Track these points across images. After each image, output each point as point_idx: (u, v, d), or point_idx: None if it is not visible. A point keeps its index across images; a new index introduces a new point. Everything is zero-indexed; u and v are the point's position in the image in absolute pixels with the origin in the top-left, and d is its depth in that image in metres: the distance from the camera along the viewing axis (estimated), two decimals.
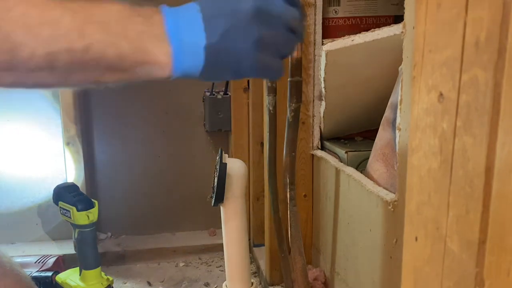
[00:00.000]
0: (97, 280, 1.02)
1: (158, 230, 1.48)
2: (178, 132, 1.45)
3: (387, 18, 0.94)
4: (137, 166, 1.44)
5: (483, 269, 0.27)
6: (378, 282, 0.68)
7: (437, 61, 0.32)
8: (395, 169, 0.66)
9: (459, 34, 0.29)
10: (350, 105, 0.93)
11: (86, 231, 1.00)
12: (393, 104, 0.69)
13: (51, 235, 1.41)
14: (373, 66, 0.83)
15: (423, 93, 0.34)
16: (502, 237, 0.26)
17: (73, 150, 1.30)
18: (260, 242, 1.25)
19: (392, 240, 0.62)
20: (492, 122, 0.26)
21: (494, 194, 0.26)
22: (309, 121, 0.95)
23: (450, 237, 0.31)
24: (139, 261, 1.35)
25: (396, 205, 0.60)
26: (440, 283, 0.32)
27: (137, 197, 1.46)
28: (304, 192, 0.98)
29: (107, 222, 1.44)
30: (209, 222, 1.47)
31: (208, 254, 1.38)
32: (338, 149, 0.89)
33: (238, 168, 0.82)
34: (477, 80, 0.27)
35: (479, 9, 0.27)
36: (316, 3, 0.91)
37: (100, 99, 1.38)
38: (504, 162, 0.25)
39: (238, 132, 1.33)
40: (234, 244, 0.85)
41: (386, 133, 0.71)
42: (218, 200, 0.81)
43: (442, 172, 0.31)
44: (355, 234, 0.77)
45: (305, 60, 0.90)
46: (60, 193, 1.02)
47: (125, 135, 1.42)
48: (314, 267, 0.98)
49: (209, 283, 1.22)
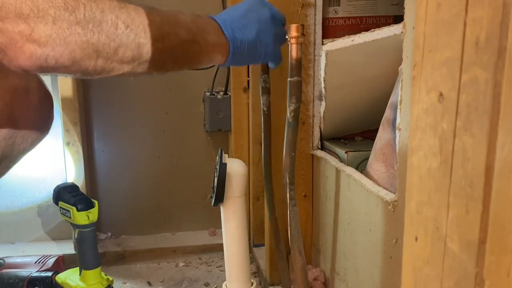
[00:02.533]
0: (97, 280, 1.02)
1: (158, 230, 1.48)
2: (178, 132, 1.45)
3: (387, 18, 0.94)
4: (137, 166, 1.44)
5: (483, 269, 0.27)
6: (378, 282, 0.68)
7: (437, 61, 0.32)
8: (395, 169, 0.66)
9: (459, 34, 0.29)
10: (350, 105, 0.93)
11: (86, 231, 1.00)
12: (393, 104, 0.69)
13: (51, 235, 1.41)
14: (373, 66, 0.83)
15: (423, 93, 0.34)
16: (502, 237, 0.26)
17: (73, 150, 1.30)
18: (260, 242, 1.25)
19: (392, 240, 0.62)
20: (492, 122, 0.26)
21: (494, 194, 0.26)
22: (309, 121, 0.95)
23: (450, 237, 0.31)
24: (139, 261, 1.35)
25: (396, 205, 0.60)
26: (440, 283, 0.32)
27: (137, 197, 1.46)
28: (304, 192, 0.98)
29: (107, 222, 1.44)
30: (209, 222, 1.47)
31: (208, 254, 1.38)
32: (338, 149, 0.89)
33: (238, 168, 0.82)
34: (477, 80, 0.27)
35: (479, 9, 0.27)
36: (316, 3, 0.91)
37: (100, 99, 1.38)
38: (504, 162, 0.25)
39: (238, 132, 1.33)
40: (234, 244, 0.85)
41: (386, 133, 0.71)
42: (218, 200, 0.81)
43: (442, 172, 0.31)
44: (355, 234, 0.77)
45: (305, 60, 0.90)
46: (60, 193, 1.02)
47: (125, 135, 1.42)
48: (314, 267, 0.98)
49: (209, 283, 1.22)
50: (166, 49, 0.63)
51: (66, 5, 0.52)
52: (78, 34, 0.53)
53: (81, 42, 0.54)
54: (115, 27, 0.56)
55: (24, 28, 0.50)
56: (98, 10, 0.55)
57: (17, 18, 0.50)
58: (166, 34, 0.62)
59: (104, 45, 0.56)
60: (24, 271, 1.08)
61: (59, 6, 0.52)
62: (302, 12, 0.90)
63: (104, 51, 0.56)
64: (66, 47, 0.53)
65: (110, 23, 0.56)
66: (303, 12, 0.90)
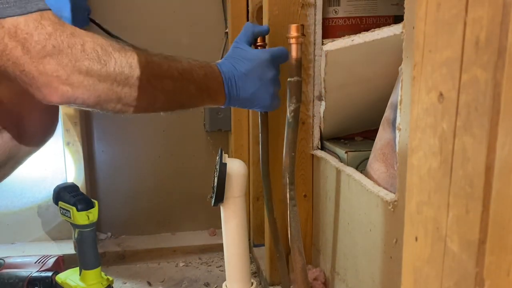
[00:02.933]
0: (97, 280, 1.02)
1: (158, 230, 1.48)
2: (178, 132, 1.45)
3: (387, 18, 0.94)
4: (137, 166, 1.44)
5: (483, 269, 0.27)
6: (378, 282, 0.68)
7: (437, 61, 0.32)
8: (395, 169, 0.66)
9: (459, 34, 0.29)
10: (350, 105, 0.93)
11: (86, 231, 1.00)
12: (393, 104, 0.69)
13: (51, 235, 1.41)
14: (373, 66, 0.83)
15: (423, 93, 0.34)
16: (502, 237, 0.26)
17: (73, 150, 1.30)
18: (260, 242, 1.25)
19: (392, 240, 0.62)
20: (492, 122, 0.26)
21: (494, 194, 0.26)
22: (309, 121, 0.95)
23: (450, 237, 0.31)
24: (139, 261, 1.35)
25: (396, 205, 0.60)
26: (440, 283, 0.32)
27: (137, 197, 1.46)
28: (304, 192, 0.98)
29: (107, 222, 1.44)
30: (209, 222, 1.47)
31: (208, 254, 1.38)
32: (338, 149, 0.89)
33: (238, 168, 0.82)
34: (477, 80, 0.27)
35: (479, 9, 0.27)
36: (316, 3, 0.91)
37: None
38: (504, 162, 0.25)
39: (238, 132, 1.33)
40: (234, 244, 0.85)
41: (386, 133, 0.71)
42: (218, 200, 0.81)
43: (442, 172, 0.31)
44: (355, 234, 0.77)
45: (305, 60, 0.90)
46: (60, 193, 1.02)
47: (125, 135, 1.42)
48: (314, 267, 0.98)
49: (209, 283, 1.22)
50: (176, 103, 0.73)
51: (99, 58, 0.61)
52: (105, 84, 0.63)
53: (107, 90, 0.63)
54: (139, 81, 0.65)
55: (62, 74, 0.59)
56: (127, 66, 0.64)
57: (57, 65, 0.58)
58: (179, 91, 0.71)
59: (126, 94, 0.65)
60: (24, 271, 1.08)
61: (93, 58, 0.61)
62: (302, 12, 0.90)
63: (125, 99, 0.66)
64: (94, 93, 0.62)
65: (135, 77, 0.65)
66: (303, 12, 0.90)
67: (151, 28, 1.37)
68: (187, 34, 1.39)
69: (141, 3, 1.37)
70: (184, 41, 1.38)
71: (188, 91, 0.72)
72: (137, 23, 1.36)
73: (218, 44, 1.40)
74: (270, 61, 0.78)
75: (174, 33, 1.38)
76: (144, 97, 0.67)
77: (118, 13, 1.35)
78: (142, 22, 1.37)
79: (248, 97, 0.77)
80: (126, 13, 1.36)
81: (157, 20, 1.38)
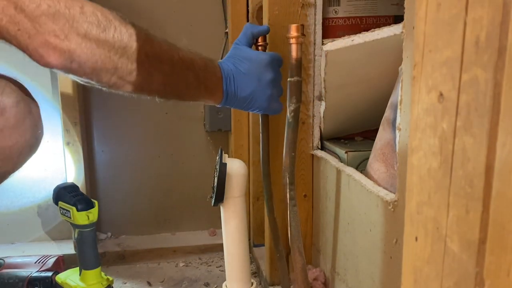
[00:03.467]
0: (97, 280, 1.02)
1: (158, 230, 1.48)
2: (178, 132, 1.45)
3: (387, 18, 0.94)
4: (137, 166, 1.44)
5: (483, 269, 0.27)
6: (378, 282, 0.68)
7: (437, 61, 0.32)
8: (395, 169, 0.66)
9: (459, 34, 0.29)
10: (350, 105, 0.93)
11: (86, 231, 1.00)
12: (393, 104, 0.69)
13: (51, 235, 1.41)
14: (373, 66, 0.83)
15: (423, 93, 0.34)
16: (502, 237, 0.26)
17: (73, 150, 1.30)
18: (260, 242, 1.25)
19: (392, 240, 0.62)
20: (492, 122, 0.26)
21: (494, 194, 0.26)
22: (309, 121, 0.95)
23: (450, 237, 0.31)
24: (139, 261, 1.35)
25: (396, 205, 0.60)
26: (440, 283, 0.32)
27: (137, 197, 1.46)
28: (304, 192, 0.98)
29: (107, 222, 1.44)
30: (209, 222, 1.47)
31: (208, 254, 1.38)
32: (338, 149, 0.89)
33: (238, 168, 0.82)
34: (477, 80, 0.27)
35: (479, 9, 0.27)
36: (316, 3, 0.91)
37: (100, 99, 1.38)
38: (504, 162, 0.25)
39: (238, 132, 1.33)
40: (234, 244, 0.85)
41: (386, 133, 0.71)
42: (218, 200, 0.81)
43: (442, 172, 0.31)
44: (355, 234, 0.77)
45: (305, 60, 0.90)
46: (60, 193, 1.02)
47: (125, 135, 1.42)
48: (314, 267, 0.98)
49: (209, 283, 1.22)
50: (173, 88, 0.71)
51: (99, 23, 0.61)
52: (103, 50, 0.61)
53: (104, 57, 0.62)
54: (137, 53, 0.64)
55: (59, 34, 0.58)
56: (127, 35, 0.64)
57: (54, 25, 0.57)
58: (176, 75, 0.70)
59: (122, 65, 0.64)
60: (24, 271, 1.08)
61: (92, 22, 0.60)
62: (302, 12, 0.90)
63: (121, 70, 0.64)
64: (91, 57, 0.61)
65: (134, 49, 0.64)
66: (303, 12, 0.90)
67: (151, 28, 1.35)
68: (187, 34, 1.39)
69: (141, 3, 1.37)
70: (184, 41, 1.38)
71: (186, 79, 0.72)
72: (136, 23, 1.36)
73: (218, 44, 1.40)
74: (269, 62, 0.78)
75: (174, 33, 1.38)
76: (140, 73, 0.66)
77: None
78: (142, 22, 1.36)
79: (246, 96, 0.77)
80: (126, 13, 1.35)
81: (157, 20, 1.38)
